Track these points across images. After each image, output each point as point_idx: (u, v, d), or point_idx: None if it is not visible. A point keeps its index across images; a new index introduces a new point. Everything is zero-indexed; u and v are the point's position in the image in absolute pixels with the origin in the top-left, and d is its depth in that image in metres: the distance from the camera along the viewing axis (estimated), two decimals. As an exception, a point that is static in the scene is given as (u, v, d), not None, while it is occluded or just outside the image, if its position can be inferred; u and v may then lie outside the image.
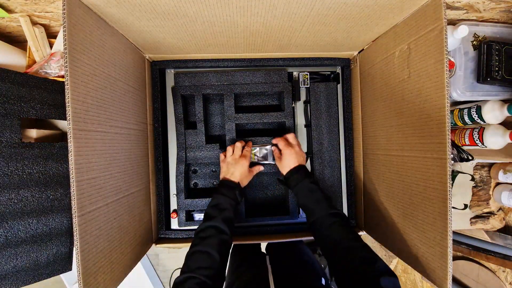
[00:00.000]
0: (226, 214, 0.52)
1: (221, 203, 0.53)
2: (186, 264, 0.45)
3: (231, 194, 0.55)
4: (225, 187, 0.56)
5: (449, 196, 0.40)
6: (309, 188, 0.54)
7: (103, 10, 0.43)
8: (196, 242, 0.48)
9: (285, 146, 0.60)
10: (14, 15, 0.60)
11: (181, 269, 0.45)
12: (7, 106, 0.50)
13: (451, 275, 0.41)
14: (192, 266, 0.44)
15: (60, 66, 0.64)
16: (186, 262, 0.45)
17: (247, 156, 0.61)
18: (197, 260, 0.45)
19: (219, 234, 0.49)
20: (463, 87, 0.64)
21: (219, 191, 0.56)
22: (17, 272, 0.52)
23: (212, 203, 0.54)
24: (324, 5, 0.43)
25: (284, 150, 0.59)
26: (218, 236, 0.48)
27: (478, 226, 0.83)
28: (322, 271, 0.66)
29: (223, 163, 0.61)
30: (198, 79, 0.67)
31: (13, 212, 0.51)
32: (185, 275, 0.42)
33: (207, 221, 0.50)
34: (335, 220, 0.48)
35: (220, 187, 0.56)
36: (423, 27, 0.44)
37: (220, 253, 0.46)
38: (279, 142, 0.61)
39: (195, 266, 0.44)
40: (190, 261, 0.45)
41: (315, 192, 0.53)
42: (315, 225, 0.50)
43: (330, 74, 0.74)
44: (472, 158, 0.66)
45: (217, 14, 0.45)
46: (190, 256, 0.46)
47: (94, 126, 0.43)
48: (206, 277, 0.42)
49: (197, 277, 0.42)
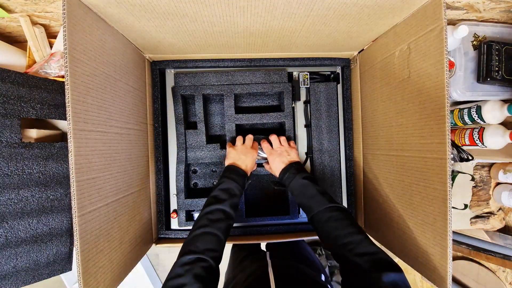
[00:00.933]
0: (235, 200, 0.52)
1: (232, 188, 0.53)
2: (193, 243, 0.44)
3: (241, 181, 0.55)
4: (235, 173, 0.56)
5: (449, 196, 0.40)
6: (302, 184, 0.53)
7: (103, 10, 0.43)
8: (205, 223, 0.47)
9: (270, 150, 0.61)
10: (14, 15, 0.60)
11: (185, 247, 0.44)
12: (7, 106, 0.50)
13: (451, 275, 0.41)
14: (201, 247, 0.43)
15: (60, 66, 0.64)
16: (194, 242, 0.44)
17: (256, 149, 0.62)
18: (207, 241, 0.44)
19: (227, 219, 0.49)
20: (463, 87, 0.64)
21: (229, 176, 0.55)
22: (17, 272, 0.52)
23: (222, 186, 0.53)
24: (324, 5, 0.43)
25: (270, 154, 0.60)
26: (227, 221, 0.48)
27: (478, 226, 0.83)
28: (322, 268, 0.66)
29: (232, 149, 0.61)
30: (198, 79, 0.67)
31: (13, 212, 0.51)
32: (195, 255, 0.42)
33: (217, 204, 0.50)
34: (330, 215, 0.47)
35: (230, 172, 0.56)
36: (423, 27, 0.44)
37: (225, 238, 0.47)
38: (265, 147, 0.62)
39: (204, 247, 0.43)
40: (199, 242, 0.44)
41: (308, 187, 0.52)
42: (313, 222, 0.50)
43: (330, 74, 0.74)
44: (472, 158, 0.66)
45: (217, 14, 0.45)
46: (199, 236, 0.45)
47: (94, 126, 0.43)
48: (213, 260, 0.42)
49: (206, 259, 0.42)
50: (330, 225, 0.46)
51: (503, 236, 0.84)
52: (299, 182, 0.53)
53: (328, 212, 0.47)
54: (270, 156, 0.60)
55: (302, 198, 0.52)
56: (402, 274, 0.36)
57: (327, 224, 0.46)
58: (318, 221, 0.48)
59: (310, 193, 0.51)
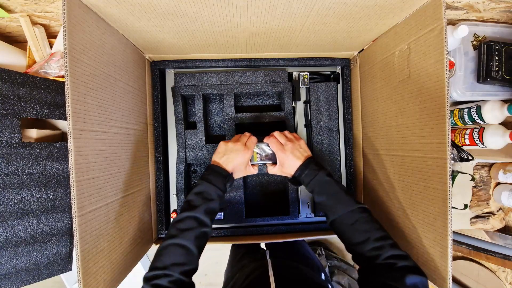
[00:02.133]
0: (211, 206, 0.46)
1: (207, 192, 0.47)
2: (159, 259, 0.41)
3: (220, 184, 0.48)
4: (214, 174, 0.49)
5: (449, 196, 0.40)
6: (326, 182, 0.48)
7: (103, 10, 0.43)
8: (174, 233, 0.43)
9: (280, 146, 0.53)
10: (14, 15, 0.60)
11: (152, 262, 0.41)
12: (7, 106, 0.50)
13: (451, 275, 0.41)
14: (166, 261, 0.40)
15: (60, 66, 0.64)
16: (160, 257, 0.41)
17: (250, 148, 0.54)
18: (173, 255, 0.41)
19: (199, 227, 0.44)
20: (463, 87, 0.64)
21: (206, 177, 0.49)
22: (17, 272, 0.52)
23: (197, 189, 0.48)
24: (324, 5, 0.43)
25: (281, 151, 0.52)
26: (198, 229, 0.44)
27: (478, 226, 0.83)
28: (322, 267, 0.66)
29: (222, 144, 0.54)
30: (198, 79, 0.67)
31: (13, 212, 0.51)
32: (159, 271, 0.39)
33: (188, 211, 0.45)
34: (358, 217, 0.44)
35: (208, 174, 0.49)
36: (423, 27, 0.44)
37: (198, 247, 0.43)
38: (273, 142, 0.54)
39: (170, 262, 0.40)
40: (164, 256, 0.41)
41: (332, 185, 0.47)
42: (335, 224, 0.46)
43: (330, 74, 0.74)
44: (472, 158, 0.66)
45: (217, 14, 0.45)
46: (165, 249, 0.41)
47: (94, 126, 0.43)
48: (182, 274, 0.39)
49: (171, 274, 0.38)
50: (358, 227, 0.43)
51: (503, 236, 0.84)
52: (323, 179, 0.48)
53: (356, 214, 0.44)
54: (281, 153, 0.53)
55: (325, 197, 0.47)
56: (425, 278, 0.37)
57: (354, 227, 0.43)
58: (343, 223, 0.45)
59: (335, 192, 0.47)
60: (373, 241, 0.41)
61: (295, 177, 0.52)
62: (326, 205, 0.47)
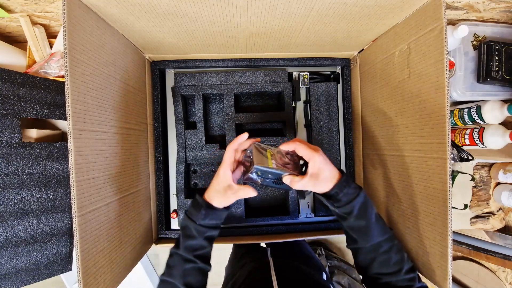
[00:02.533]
0: (192, 243, 0.42)
1: (188, 227, 0.43)
2: None
3: (197, 216, 0.42)
4: (192, 205, 0.44)
5: (449, 196, 0.40)
6: (367, 204, 0.41)
7: (103, 10, 0.43)
8: (165, 268, 0.43)
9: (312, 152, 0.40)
10: (14, 15, 0.60)
11: None
12: (7, 106, 0.50)
13: (451, 275, 0.41)
14: None
15: (60, 66, 0.64)
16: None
17: (225, 163, 0.43)
18: None
19: (184, 263, 0.42)
20: (463, 87, 0.64)
21: (187, 210, 0.45)
22: (17, 272, 0.52)
23: (181, 222, 0.45)
24: (324, 5, 0.43)
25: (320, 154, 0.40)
26: (183, 265, 0.42)
27: (478, 226, 0.83)
28: (322, 267, 0.66)
29: None
30: (198, 79, 0.67)
31: (13, 212, 0.51)
32: None
33: (174, 247, 0.44)
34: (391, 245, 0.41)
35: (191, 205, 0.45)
36: (423, 27, 0.44)
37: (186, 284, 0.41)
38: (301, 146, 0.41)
39: None
40: None
41: (371, 208, 0.41)
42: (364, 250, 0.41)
43: (330, 74, 0.74)
44: (472, 158, 0.66)
45: (217, 14, 0.45)
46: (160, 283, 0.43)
47: (94, 126, 0.43)
48: None
49: None
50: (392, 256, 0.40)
51: (503, 236, 0.84)
52: (365, 201, 0.41)
53: (390, 241, 0.41)
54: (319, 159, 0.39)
55: (365, 222, 0.40)
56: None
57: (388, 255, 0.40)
58: (376, 251, 0.41)
59: (375, 216, 0.41)
60: (404, 273, 0.40)
61: (329, 194, 0.41)
62: (361, 230, 0.41)
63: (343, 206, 0.40)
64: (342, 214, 0.41)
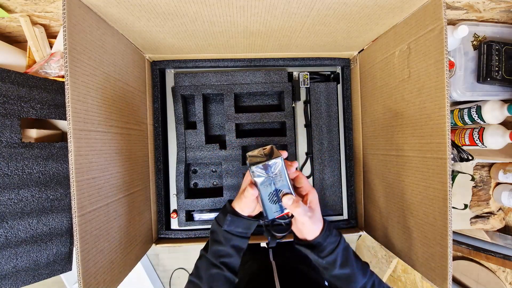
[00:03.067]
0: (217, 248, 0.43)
1: (216, 232, 0.44)
2: None
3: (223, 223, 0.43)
4: (222, 211, 0.45)
5: (449, 196, 0.40)
6: (348, 249, 0.42)
7: (103, 10, 0.43)
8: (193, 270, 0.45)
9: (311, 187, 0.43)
10: (14, 15, 0.60)
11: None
12: (7, 106, 0.50)
13: (451, 275, 0.41)
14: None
15: (60, 66, 0.64)
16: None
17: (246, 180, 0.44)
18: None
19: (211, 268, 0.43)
20: (463, 87, 0.64)
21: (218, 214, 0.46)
22: (17, 272, 0.52)
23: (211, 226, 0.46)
24: (324, 5, 0.43)
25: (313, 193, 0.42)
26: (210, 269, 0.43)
27: (478, 226, 0.83)
28: None
29: None
30: (198, 79, 0.67)
31: (13, 212, 0.51)
32: None
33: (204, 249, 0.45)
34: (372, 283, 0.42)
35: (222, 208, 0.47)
36: (423, 27, 0.44)
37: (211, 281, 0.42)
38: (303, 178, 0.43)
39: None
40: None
41: (351, 251, 0.42)
42: None
43: (330, 74, 0.74)
44: (472, 158, 0.66)
45: (217, 14, 0.45)
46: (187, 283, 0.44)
47: (94, 126, 0.43)
48: None
49: None
50: None
51: (503, 236, 0.84)
52: (346, 246, 0.41)
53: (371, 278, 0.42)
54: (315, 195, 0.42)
55: (349, 269, 0.40)
56: None
57: None
58: None
59: (355, 259, 0.42)
60: None
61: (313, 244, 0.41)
62: (347, 279, 0.40)
63: (328, 256, 0.40)
64: (326, 265, 0.41)
